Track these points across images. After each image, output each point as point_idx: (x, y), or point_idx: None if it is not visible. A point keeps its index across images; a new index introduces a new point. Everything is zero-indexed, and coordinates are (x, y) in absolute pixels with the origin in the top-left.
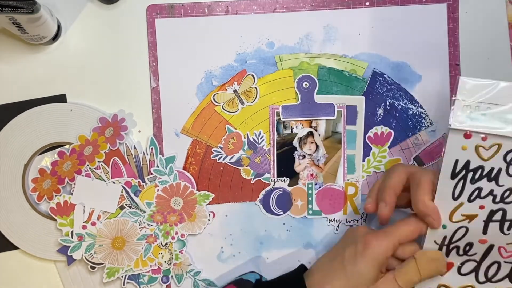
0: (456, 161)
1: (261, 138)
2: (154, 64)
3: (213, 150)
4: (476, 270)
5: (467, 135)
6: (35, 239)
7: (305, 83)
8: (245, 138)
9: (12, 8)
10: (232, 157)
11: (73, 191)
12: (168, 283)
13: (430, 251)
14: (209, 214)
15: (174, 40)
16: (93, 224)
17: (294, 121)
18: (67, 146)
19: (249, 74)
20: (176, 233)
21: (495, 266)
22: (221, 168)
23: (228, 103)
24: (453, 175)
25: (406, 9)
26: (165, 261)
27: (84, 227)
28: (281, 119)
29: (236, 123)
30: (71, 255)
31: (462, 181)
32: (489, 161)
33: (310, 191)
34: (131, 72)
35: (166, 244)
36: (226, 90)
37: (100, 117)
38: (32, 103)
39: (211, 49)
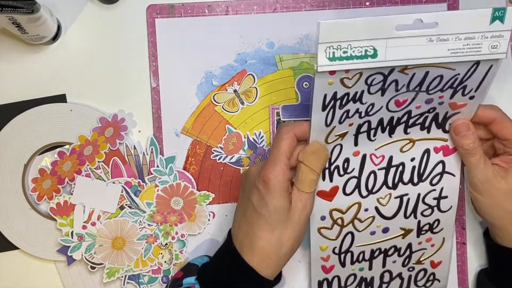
0: (325, 95)
1: (261, 138)
2: (154, 64)
3: (213, 150)
4: (358, 186)
5: (332, 72)
6: (35, 239)
7: (305, 83)
8: (245, 138)
9: (12, 8)
10: (232, 157)
11: (73, 191)
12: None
13: (308, 146)
14: (209, 214)
15: (174, 40)
16: (93, 224)
17: (294, 121)
18: (67, 146)
19: (249, 74)
20: (176, 233)
21: (372, 178)
22: (221, 168)
23: (228, 103)
24: (324, 107)
25: (406, 9)
26: (165, 261)
27: (84, 227)
28: (281, 119)
29: (236, 123)
30: (71, 255)
31: (332, 109)
32: (352, 88)
33: None
34: (131, 72)
35: (166, 244)
36: (226, 90)
37: (100, 117)
38: (32, 103)
39: (211, 49)
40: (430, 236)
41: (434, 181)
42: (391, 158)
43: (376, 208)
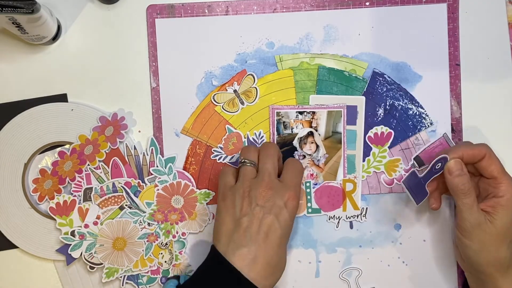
0: None
1: (261, 138)
2: (154, 64)
3: (213, 150)
4: None
5: None
6: (35, 238)
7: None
8: (245, 138)
9: (12, 8)
10: (232, 157)
11: (73, 191)
12: None
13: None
14: (210, 214)
15: (174, 40)
16: (95, 223)
17: (294, 121)
18: (67, 146)
19: (249, 74)
20: (177, 232)
21: None
22: (221, 168)
23: (228, 103)
24: None
25: (406, 9)
26: (165, 261)
27: (86, 226)
28: None
29: (236, 123)
30: (71, 254)
31: None
32: None
33: (308, 190)
34: (131, 72)
35: (166, 244)
36: (226, 90)
37: (100, 116)
38: (33, 102)
39: (211, 49)
40: None
41: None
42: None
43: None
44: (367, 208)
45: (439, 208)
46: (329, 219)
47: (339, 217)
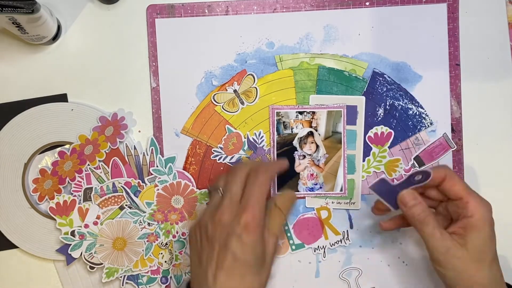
0: None
1: (261, 138)
2: (154, 64)
3: (213, 150)
4: None
5: None
6: (35, 238)
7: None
8: (245, 138)
9: (12, 8)
10: (232, 157)
11: (73, 191)
12: (167, 283)
13: (285, 192)
14: None
15: (174, 40)
16: (95, 223)
17: (294, 121)
18: (67, 146)
19: (249, 74)
20: (177, 232)
21: None
22: (221, 168)
23: (228, 103)
24: None
25: (406, 9)
26: (165, 261)
27: (86, 226)
28: None
29: (236, 123)
30: (71, 254)
31: None
32: None
33: (286, 227)
34: (131, 72)
35: (166, 244)
36: (226, 90)
37: (100, 116)
38: (33, 102)
39: (211, 49)
40: None
41: None
42: None
43: None
44: (347, 230)
45: (386, 229)
46: (314, 251)
47: (323, 246)
